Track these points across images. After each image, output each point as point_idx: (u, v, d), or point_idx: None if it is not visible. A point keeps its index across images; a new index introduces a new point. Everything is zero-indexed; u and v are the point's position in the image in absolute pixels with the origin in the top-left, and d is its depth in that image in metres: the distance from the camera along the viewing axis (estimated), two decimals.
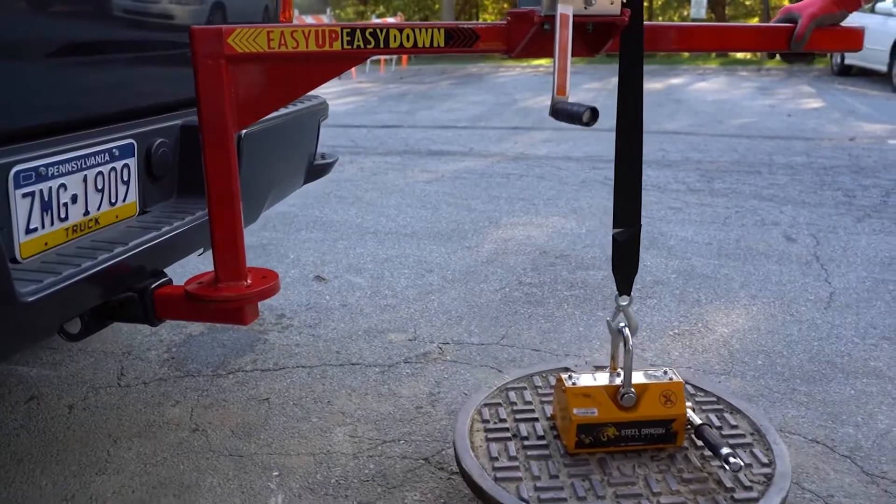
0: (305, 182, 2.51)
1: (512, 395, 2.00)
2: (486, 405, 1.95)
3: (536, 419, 1.87)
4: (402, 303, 3.14)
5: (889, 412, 2.28)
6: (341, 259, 3.71)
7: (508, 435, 1.81)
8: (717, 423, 1.85)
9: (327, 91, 11.89)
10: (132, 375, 2.57)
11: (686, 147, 6.71)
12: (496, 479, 1.63)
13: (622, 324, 1.73)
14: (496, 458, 1.72)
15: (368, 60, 17.24)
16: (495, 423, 1.87)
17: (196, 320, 1.66)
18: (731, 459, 1.58)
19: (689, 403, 1.79)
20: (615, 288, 1.75)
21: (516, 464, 1.69)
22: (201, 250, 1.92)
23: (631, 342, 1.70)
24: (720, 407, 1.92)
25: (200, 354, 2.71)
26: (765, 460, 1.68)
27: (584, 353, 2.66)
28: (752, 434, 1.80)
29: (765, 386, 2.43)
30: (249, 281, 1.60)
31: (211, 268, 1.64)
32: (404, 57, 18.93)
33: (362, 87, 13.38)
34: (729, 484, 1.60)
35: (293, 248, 3.90)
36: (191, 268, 2.81)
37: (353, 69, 16.25)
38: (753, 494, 1.57)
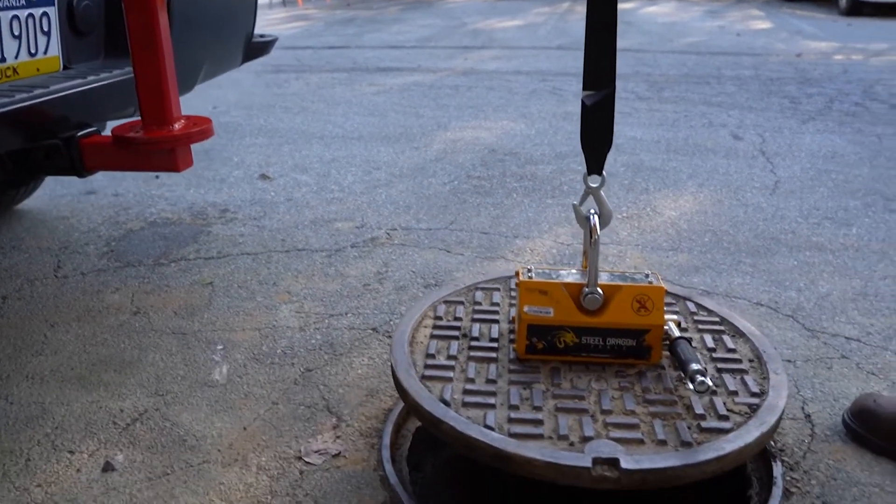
0: (244, 60, 2.42)
1: (479, 294, 1.74)
2: (445, 302, 1.71)
3: (497, 321, 1.62)
4: (349, 196, 3.09)
5: (830, 278, 2.32)
6: (286, 160, 3.62)
7: (457, 334, 1.57)
8: (711, 344, 1.54)
9: (271, 17, 11.52)
10: (69, 267, 2.49)
11: (635, 62, 6.68)
12: (423, 377, 1.42)
13: (592, 210, 1.45)
14: (432, 356, 1.49)
15: None
16: (449, 320, 1.63)
17: (126, 169, 1.58)
18: (699, 377, 1.29)
19: (674, 316, 1.52)
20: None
21: (453, 364, 1.46)
22: (132, 109, 1.83)
23: (599, 233, 1.42)
24: (722, 328, 1.61)
25: (141, 247, 2.63)
26: (755, 390, 1.39)
27: (532, 235, 2.65)
28: (750, 361, 1.49)
29: (711, 259, 2.45)
30: (179, 125, 1.52)
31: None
32: None
33: (308, 13, 12.99)
34: (700, 410, 1.32)
35: (237, 152, 3.79)
36: None
37: None
38: (727, 425, 1.28)
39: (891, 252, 2.51)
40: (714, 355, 1.50)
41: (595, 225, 1.43)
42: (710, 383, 1.30)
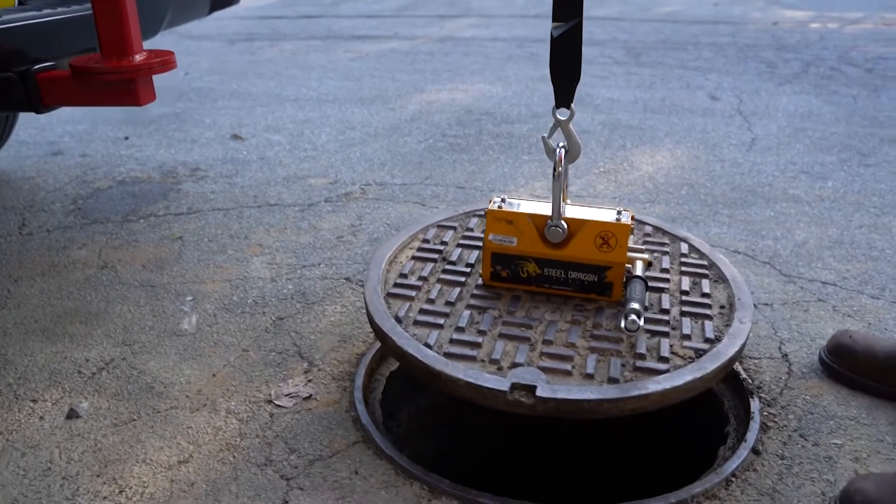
0: (212, 9, 2.35)
1: (474, 220, 1.74)
2: (438, 226, 1.73)
3: (480, 248, 1.60)
4: (323, 154, 3.03)
5: (806, 228, 2.31)
6: (259, 122, 3.56)
7: (436, 257, 1.59)
8: (686, 287, 1.50)
9: None
10: (34, 225, 2.42)
11: (613, 30, 6.63)
12: (388, 295, 1.45)
13: (560, 143, 1.40)
14: (405, 276, 1.51)
15: None
16: (435, 244, 1.65)
17: (86, 103, 1.52)
18: (631, 316, 1.28)
19: (644, 255, 1.48)
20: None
21: (421, 284, 1.49)
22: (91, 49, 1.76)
23: (563, 166, 1.37)
24: (706, 273, 1.55)
25: (109, 205, 2.56)
26: (711, 336, 1.34)
27: (508, 189, 2.62)
28: (721, 307, 1.44)
29: (689, 210, 2.43)
30: (141, 57, 1.46)
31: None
32: None
33: None
34: (642, 350, 1.30)
35: (209, 114, 3.71)
36: None
37: None
38: (663, 367, 1.25)
39: (866, 203, 2.50)
40: (685, 298, 1.48)
41: (561, 157, 1.39)
42: (641, 323, 1.29)
